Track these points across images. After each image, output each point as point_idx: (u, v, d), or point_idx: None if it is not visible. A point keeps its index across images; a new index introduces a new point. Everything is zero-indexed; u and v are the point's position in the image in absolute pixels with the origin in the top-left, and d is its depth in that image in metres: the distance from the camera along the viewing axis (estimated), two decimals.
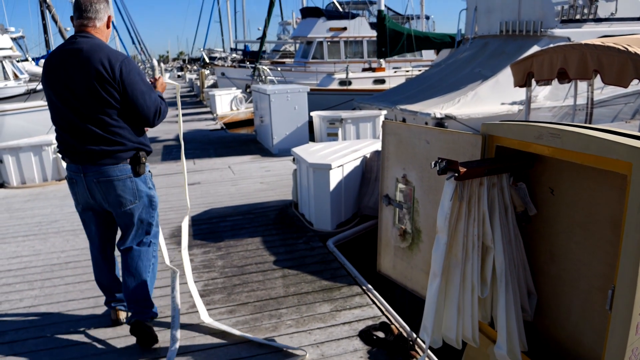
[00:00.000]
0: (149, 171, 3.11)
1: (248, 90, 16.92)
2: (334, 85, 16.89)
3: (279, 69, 19.56)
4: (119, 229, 3.20)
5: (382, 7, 15.67)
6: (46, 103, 3.07)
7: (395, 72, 17.96)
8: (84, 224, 3.19)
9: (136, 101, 2.85)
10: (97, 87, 2.77)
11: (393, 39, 15.25)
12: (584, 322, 2.51)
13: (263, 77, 17.07)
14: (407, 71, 17.60)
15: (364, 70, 18.36)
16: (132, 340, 3.17)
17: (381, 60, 17.58)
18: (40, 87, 12.73)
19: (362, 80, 17.17)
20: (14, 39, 20.86)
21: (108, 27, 2.99)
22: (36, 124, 10.91)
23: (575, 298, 2.55)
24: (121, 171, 2.92)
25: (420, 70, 16.60)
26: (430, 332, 2.45)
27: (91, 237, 3.22)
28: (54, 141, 7.34)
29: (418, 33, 16.34)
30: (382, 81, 17.15)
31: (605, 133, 2.09)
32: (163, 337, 3.20)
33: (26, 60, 23.90)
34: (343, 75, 16.98)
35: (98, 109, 2.81)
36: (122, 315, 3.33)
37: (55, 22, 14.64)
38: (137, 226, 3.11)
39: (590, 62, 4.40)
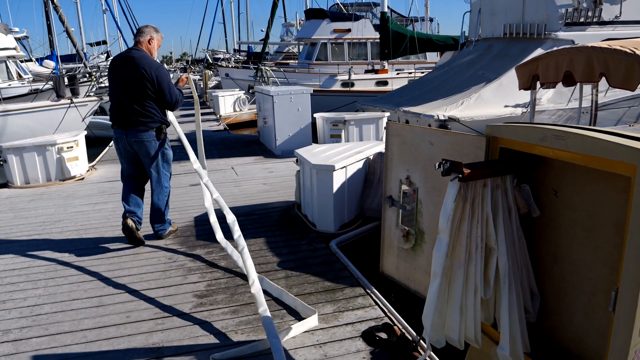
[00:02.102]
0: (167, 137, 4.76)
1: (250, 91, 16.93)
2: (337, 87, 16.89)
3: (281, 69, 19.58)
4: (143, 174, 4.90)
5: (386, 9, 15.66)
6: (52, 103, 4.53)
7: (397, 74, 17.95)
8: (123, 166, 4.88)
9: (164, 93, 4.54)
10: (140, 83, 4.45)
11: (396, 40, 15.23)
12: (587, 324, 2.52)
13: (265, 78, 17.09)
14: (410, 73, 17.57)
15: (367, 72, 18.36)
16: (134, 339, 3.19)
17: (384, 62, 17.57)
18: (45, 87, 12.79)
19: (364, 82, 17.17)
20: (18, 39, 20.94)
21: (150, 43, 4.66)
22: (42, 124, 10.93)
23: (578, 300, 2.56)
24: (149, 136, 4.60)
25: (422, 72, 16.59)
26: (429, 331, 2.45)
27: (124, 172, 4.91)
28: (58, 141, 7.46)
29: (421, 35, 16.31)
30: (384, 83, 17.14)
31: (610, 135, 2.10)
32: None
33: (30, 60, 23.99)
34: (345, 77, 16.99)
35: (140, 96, 4.49)
36: (130, 222, 4.68)
37: (63, 22, 14.65)
38: (157, 172, 4.77)
39: (596, 65, 4.38)
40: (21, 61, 18.89)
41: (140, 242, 4.77)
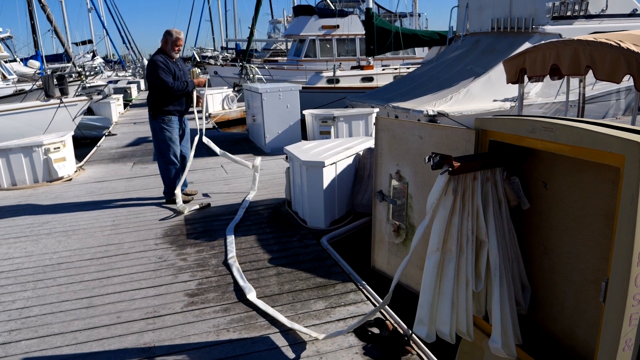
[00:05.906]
0: (164, 119, 5.78)
1: (236, 89, 16.85)
2: (322, 84, 16.83)
3: (266, 67, 19.48)
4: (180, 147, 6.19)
5: (371, 5, 15.63)
6: (42, 104, 5.25)
7: (383, 69, 17.93)
8: None
9: (153, 82, 5.68)
10: (147, 79, 5.81)
11: (381, 36, 15.21)
12: (577, 315, 2.53)
13: (251, 75, 16.99)
14: (395, 69, 17.55)
15: (353, 68, 18.33)
16: (125, 340, 3.17)
17: (370, 58, 17.53)
18: (35, 87, 12.62)
19: (349, 78, 17.12)
20: (1, 40, 20.68)
21: (166, 43, 5.69)
22: (31, 125, 10.75)
23: (569, 291, 2.57)
24: (149, 115, 5.88)
25: (408, 68, 16.59)
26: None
27: None
28: (45, 142, 7.38)
29: (406, 31, 16.30)
30: (370, 79, 17.11)
31: (598, 126, 2.11)
32: None
33: (14, 60, 23.71)
34: (331, 74, 16.92)
35: (148, 88, 5.89)
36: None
37: (51, 22, 14.48)
38: (156, 147, 6.04)
39: (582, 58, 4.40)
40: (5, 62, 18.66)
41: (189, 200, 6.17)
